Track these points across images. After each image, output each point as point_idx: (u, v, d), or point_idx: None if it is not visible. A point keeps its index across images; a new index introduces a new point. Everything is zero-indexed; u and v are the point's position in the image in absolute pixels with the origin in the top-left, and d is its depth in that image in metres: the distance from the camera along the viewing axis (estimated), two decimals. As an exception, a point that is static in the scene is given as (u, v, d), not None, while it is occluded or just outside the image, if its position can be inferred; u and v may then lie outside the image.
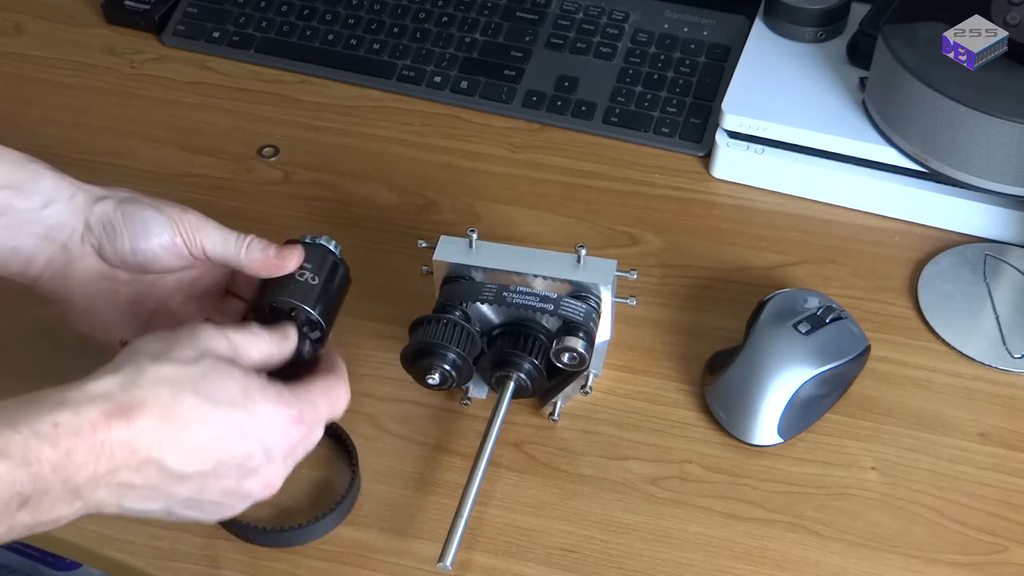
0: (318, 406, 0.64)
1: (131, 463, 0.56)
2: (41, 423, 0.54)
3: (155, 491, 0.58)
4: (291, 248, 0.72)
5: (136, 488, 0.57)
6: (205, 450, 0.59)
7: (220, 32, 1.05)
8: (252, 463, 0.61)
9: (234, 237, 0.71)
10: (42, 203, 0.70)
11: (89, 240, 0.71)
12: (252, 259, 0.71)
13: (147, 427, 0.57)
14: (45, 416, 0.55)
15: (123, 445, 0.56)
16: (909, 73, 0.82)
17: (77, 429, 0.55)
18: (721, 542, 0.72)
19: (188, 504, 0.60)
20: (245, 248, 0.71)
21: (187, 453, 0.58)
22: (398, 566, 0.72)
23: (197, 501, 0.60)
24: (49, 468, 0.54)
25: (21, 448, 0.53)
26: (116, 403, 0.56)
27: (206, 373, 0.59)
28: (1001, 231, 0.88)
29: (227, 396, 0.59)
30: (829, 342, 0.75)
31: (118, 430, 0.56)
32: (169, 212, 0.71)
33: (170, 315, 0.75)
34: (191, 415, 0.58)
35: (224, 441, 0.59)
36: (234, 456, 0.60)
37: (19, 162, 0.70)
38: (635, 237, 0.90)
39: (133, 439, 0.56)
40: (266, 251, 0.71)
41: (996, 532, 0.73)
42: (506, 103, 0.99)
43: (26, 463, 0.53)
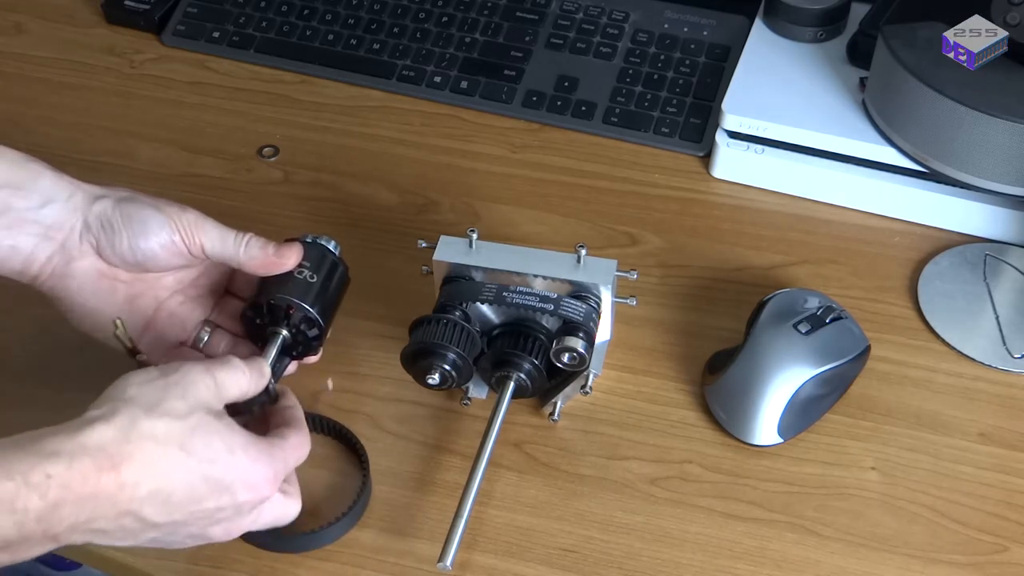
0: (290, 459, 0.66)
1: (110, 514, 0.58)
2: (34, 472, 0.55)
3: (127, 535, 0.60)
4: (290, 246, 0.72)
5: (109, 533, 0.59)
6: (182, 503, 0.61)
7: (220, 32, 1.05)
8: (221, 515, 0.63)
9: (233, 235, 0.72)
10: (41, 202, 0.70)
11: (88, 239, 0.71)
12: (251, 257, 0.71)
13: (131, 481, 0.58)
14: (38, 466, 0.56)
15: (107, 498, 0.58)
16: (909, 73, 0.82)
17: (68, 483, 0.56)
18: (721, 542, 0.72)
19: (152, 541, 0.62)
20: (244, 246, 0.71)
21: (164, 506, 0.60)
22: (398, 566, 0.72)
23: (161, 540, 0.63)
24: (34, 518, 0.55)
25: (11, 496, 0.54)
26: (108, 457, 0.58)
27: (195, 429, 0.61)
28: (1001, 231, 0.88)
29: (211, 454, 0.61)
30: (829, 342, 0.75)
31: (106, 484, 0.57)
32: (168, 211, 0.71)
33: (170, 315, 0.75)
34: (174, 471, 0.60)
35: (201, 496, 0.61)
36: (206, 509, 0.62)
37: (18, 161, 0.71)
38: (635, 237, 0.90)
39: (117, 492, 0.58)
40: (265, 249, 0.72)
41: (996, 532, 0.73)
42: (506, 103, 0.99)
43: (12, 511, 0.55)
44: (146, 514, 0.59)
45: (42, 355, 0.81)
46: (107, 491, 0.57)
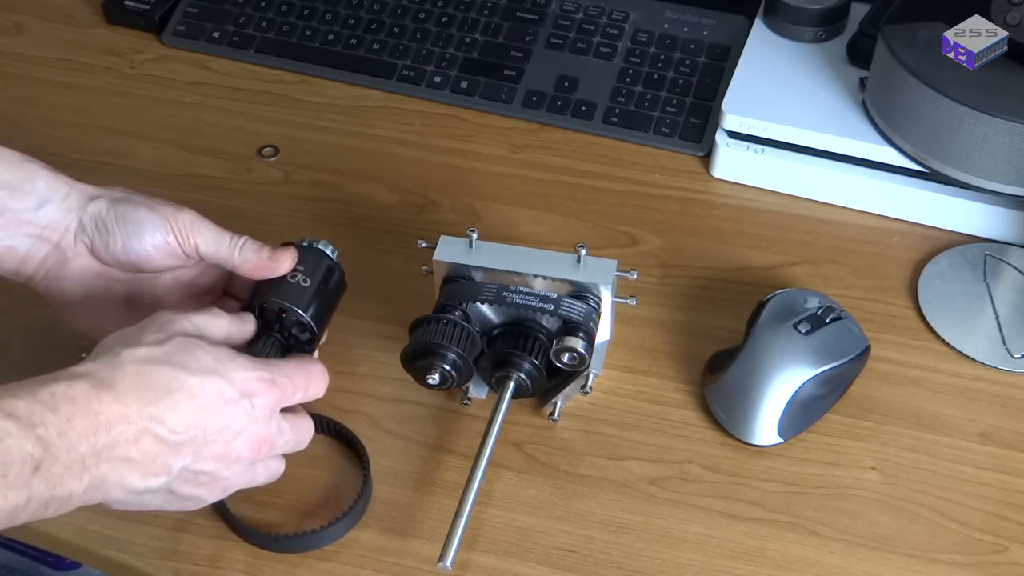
0: (291, 376, 0.66)
1: (128, 435, 0.59)
2: (40, 392, 0.57)
3: (154, 464, 0.60)
4: (284, 250, 0.72)
5: (136, 462, 0.60)
6: (191, 415, 0.61)
7: (220, 32, 1.05)
8: (236, 424, 0.63)
9: (228, 237, 0.72)
10: (37, 203, 0.70)
11: (82, 239, 0.71)
12: (245, 260, 0.71)
13: (133, 400, 0.59)
14: (41, 388, 0.58)
15: (118, 418, 0.59)
16: (909, 73, 0.82)
17: (72, 397, 0.58)
18: (721, 542, 0.72)
19: (186, 478, 0.63)
20: (238, 249, 0.72)
21: (176, 420, 0.61)
22: (398, 566, 0.72)
23: (193, 473, 0.63)
24: (55, 432, 0.56)
25: (26, 411, 0.56)
26: (99, 379, 0.59)
27: (177, 348, 0.63)
28: (1001, 231, 0.88)
29: (201, 365, 0.62)
30: (829, 342, 0.75)
31: (108, 403, 0.58)
32: (163, 211, 0.71)
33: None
34: (172, 386, 0.61)
35: (207, 405, 0.62)
36: (218, 418, 0.62)
37: (15, 162, 0.71)
38: (635, 237, 0.90)
39: (125, 413, 0.59)
40: (259, 252, 0.72)
41: (996, 532, 0.73)
42: (506, 103, 0.99)
43: (32, 425, 0.56)
44: (161, 431, 0.60)
45: (42, 355, 0.81)
46: (113, 410, 0.58)
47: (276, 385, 0.65)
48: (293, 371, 0.67)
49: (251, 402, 0.64)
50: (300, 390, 0.67)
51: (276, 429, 0.66)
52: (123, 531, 0.73)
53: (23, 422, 0.55)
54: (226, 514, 0.72)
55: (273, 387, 0.65)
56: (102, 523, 0.73)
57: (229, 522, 0.73)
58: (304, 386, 0.67)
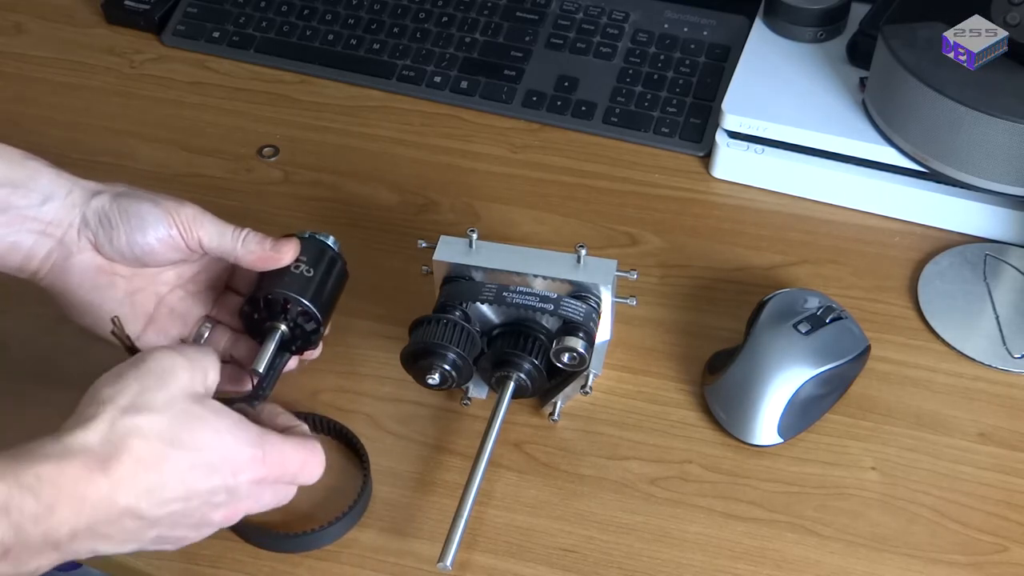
0: (287, 455, 0.65)
1: (111, 516, 0.58)
2: (24, 475, 0.55)
3: (130, 537, 0.61)
4: (287, 241, 0.73)
5: (112, 537, 0.59)
6: (177, 492, 0.61)
7: (220, 32, 1.05)
8: (217, 499, 0.63)
9: (231, 230, 0.72)
10: (40, 200, 0.70)
11: (86, 235, 0.71)
12: (248, 251, 0.72)
13: (124, 479, 0.58)
14: (28, 469, 0.56)
15: (102, 499, 0.58)
16: (909, 73, 0.82)
17: (59, 483, 0.56)
18: (721, 542, 0.72)
19: (156, 541, 0.63)
20: (241, 241, 0.72)
21: (161, 499, 0.60)
22: (398, 566, 0.72)
23: (165, 537, 0.63)
24: (31, 520, 0.55)
25: (4, 498, 0.54)
26: (95, 457, 0.58)
27: (176, 419, 0.61)
28: (1001, 231, 0.88)
29: (197, 441, 0.61)
30: (829, 342, 0.75)
31: (97, 484, 0.57)
32: (165, 205, 0.71)
33: (171, 310, 0.75)
34: (164, 462, 0.60)
35: (194, 482, 0.61)
36: (201, 494, 0.62)
37: (17, 160, 0.71)
38: (635, 237, 0.90)
39: (112, 493, 0.58)
40: (262, 244, 0.72)
41: (996, 532, 0.73)
42: (506, 103, 0.99)
43: (7, 512, 0.54)
44: (144, 510, 0.59)
45: (42, 355, 0.81)
46: (100, 492, 0.57)
47: (265, 464, 0.64)
48: (291, 452, 0.66)
49: (237, 479, 0.63)
50: (290, 475, 0.66)
51: (253, 502, 0.65)
52: (123, 531, 0.73)
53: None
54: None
55: (262, 465, 0.64)
56: (102, 523, 0.73)
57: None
58: (295, 471, 0.66)
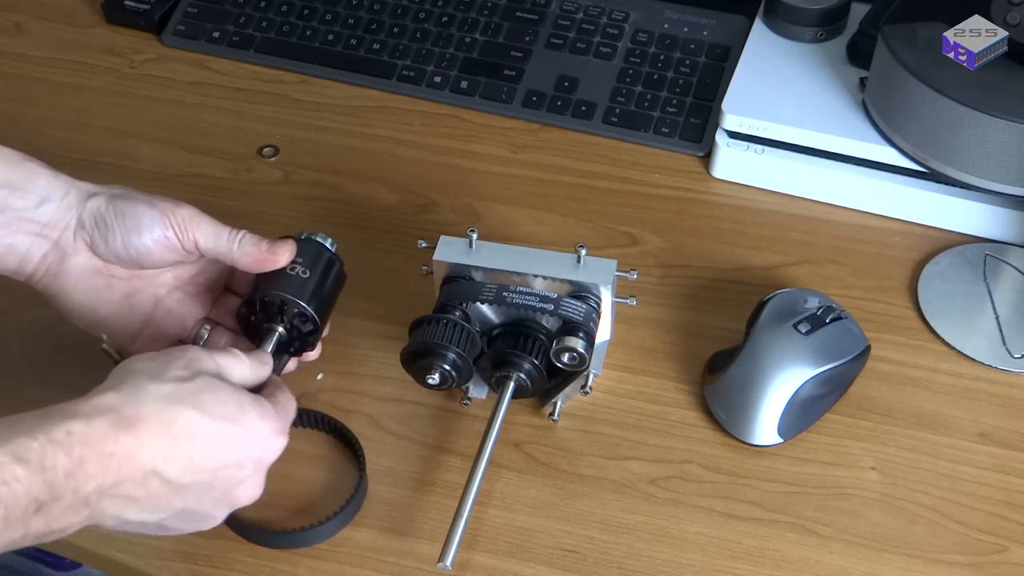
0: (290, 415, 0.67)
1: (136, 476, 0.58)
2: (55, 431, 0.56)
3: (156, 503, 0.60)
4: (283, 243, 0.73)
5: (139, 500, 0.59)
6: (204, 462, 0.61)
7: (220, 32, 1.05)
8: (242, 473, 0.64)
9: (227, 232, 0.72)
10: (37, 202, 0.70)
11: (82, 236, 0.71)
12: (244, 253, 0.72)
13: (150, 441, 0.59)
14: (58, 425, 0.56)
15: (129, 458, 0.58)
16: (909, 73, 0.82)
17: (88, 439, 0.57)
18: (721, 542, 0.72)
19: (181, 516, 0.63)
20: (237, 242, 0.72)
21: (187, 465, 0.60)
22: (398, 566, 0.72)
23: (190, 512, 0.63)
24: (63, 475, 0.55)
25: (38, 454, 0.55)
26: (121, 416, 0.58)
27: (202, 389, 0.62)
28: (1001, 231, 0.88)
29: (223, 411, 0.62)
30: (829, 342, 0.75)
31: (125, 442, 0.58)
32: (161, 207, 0.71)
33: (169, 312, 0.75)
34: (190, 429, 0.60)
35: (221, 453, 0.62)
36: (228, 467, 0.62)
37: (15, 161, 0.71)
38: (635, 237, 0.90)
39: (138, 452, 0.58)
40: (258, 245, 0.72)
41: (996, 532, 0.73)
42: (506, 103, 0.99)
43: (42, 469, 0.55)
44: (171, 474, 0.60)
45: (42, 355, 0.81)
46: (127, 450, 0.58)
47: (283, 434, 0.65)
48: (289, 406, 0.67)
49: (263, 452, 0.64)
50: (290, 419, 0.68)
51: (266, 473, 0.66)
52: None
53: (33, 466, 0.54)
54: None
55: (280, 437, 0.65)
56: (102, 523, 0.73)
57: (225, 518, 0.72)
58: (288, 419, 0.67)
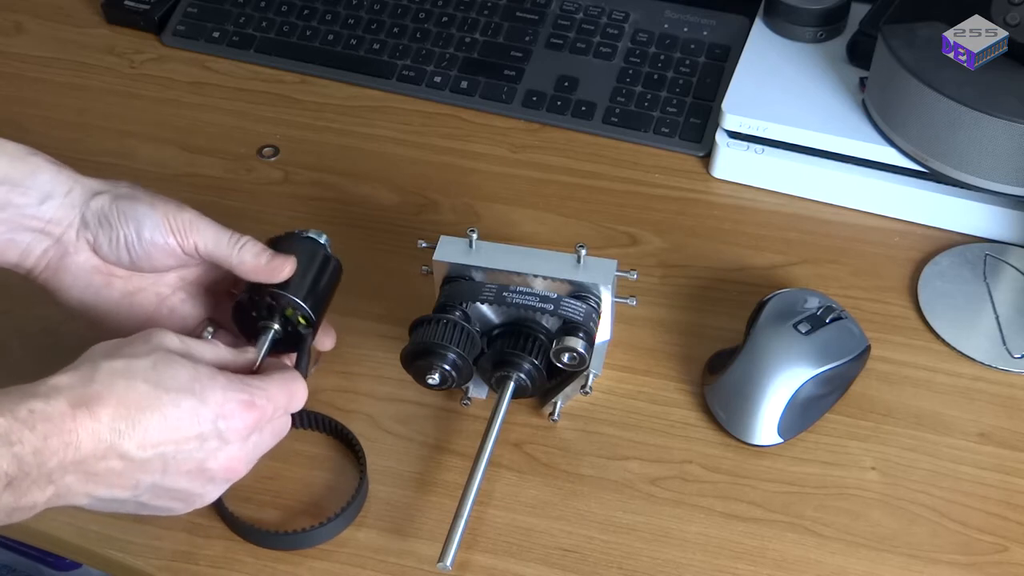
0: (273, 394, 0.66)
1: (97, 452, 0.59)
2: (19, 409, 0.57)
3: (120, 478, 0.60)
4: (284, 258, 0.72)
5: (102, 476, 0.60)
6: (161, 435, 0.61)
7: (220, 32, 1.05)
8: (209, 445, 0.63)
9: (227, 237, 0.72)
10: (40, 198, 0.70)
11: (84, 235, 0.71)
12: (243, 262, 0.71)
13: (106, 416, 0.59)
14: (20, 404, 0.57)
15: (89, 435, 0.58)
16: (909, 73, 0.82)
17: (49, 416, 0.57)
18: (721, 542, 0.72)
19: (154, 492, 0.62)
20: (237, 249, 0.72)
21: (144, 439, 0.60)
22: (398, 566, 0.72)
23: (163, 488, 0.62)
24: (30, 450, 0.56)
25: (5, 429, 0.56)
26: (77, 394, 0.59)
27: (156, 364, 0.62)
28: (1001, 231, 0.88)
29: (177, 383, 0.62)
30: (829, 342, 0.75)
31: (82, 419, 0.58)
32: (164, 210, 0.71)
33: (171, 312, 0.75)
34: (144, 403, 0.60)
35: (178, 425, 0.61)
36: (189, 439, 0.62)
37: (18, 155, 0.71)
38: (635, 237, 0.90)
39: (96, 428, 0.59)
40: (258, 257, 0.72)
41: (996, 532, 0.73)
42: (506, 103, 0.99)
43: (9, 443, 0.56)
44: (128, 450, 0.60)
45: (42, 355, 0.81)
46: (86, 427, 0.58)
47: (255, 407, 0.64)
48: (276, 390, 0.66)
49: (227, 423, 0.63)
50: (281, 409, 0.66)
51: (252, 448, 0.65)
52: (123, 531, 0.73)
53: (1, 440, 0.55)
54: (223, 511, 0.72)
55: (252, 408, 0.64)
56: (102, 523, 0.73)
57: (225, 518, 0.73)
58: (285, 404, 0.67)
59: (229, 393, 0.63)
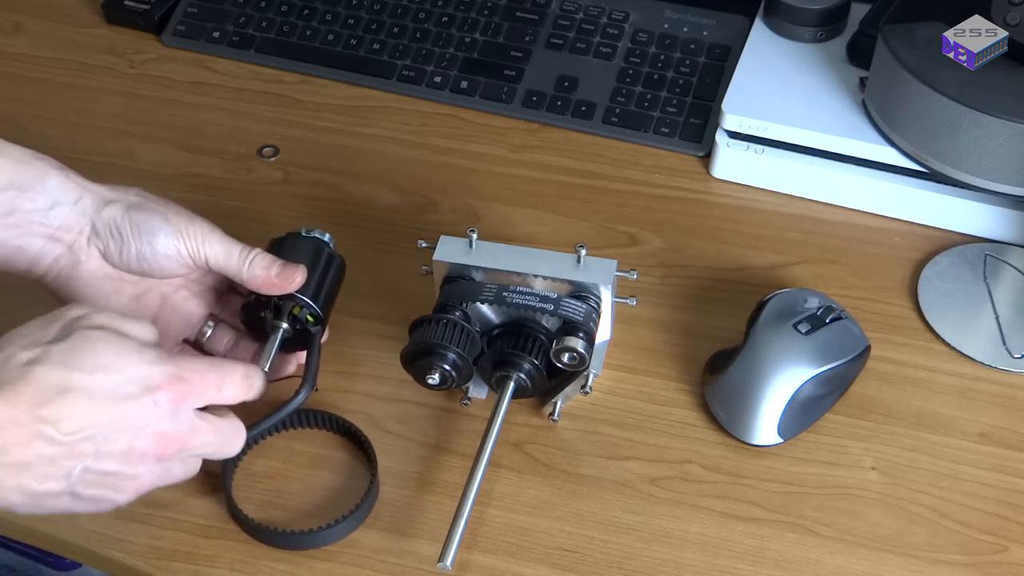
0: (203, 372, 0.63)
1: (20, 439, 0.57)
2: None
3: (52, 467, 0.58)
4: (294, 268, 0.72)
5: (30, 467, 0.58)
6: (87, 416, 0.59)
7: (220, 32, 1.05)
8: (137, 421, 0.60)
9: (237, 251, 0.72)
10: (48, 204, 0.70)
11: (96, 244, 0.71)
12: (254, 276, 0.71)
13: (23, 404, 0.57)
14: None
15: (9, 422, 0.56)
16: (909, 73, 0.82)
17: None
18: (721, 542, 0.72)
19: (89, 481, 0.60)
20: (248, 264, 0.72)
21: (70, 422, 0.58)
22: (398, 566, 0.72)
23: (97, 474, 0.60)
24: None
25: None
26: None
27: (73, 346, 0.59)
28: (1001, 231, 0.88)
29: (99, 361, 0.59)
30: (829, 342, 0.75)
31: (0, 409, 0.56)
32: (176, 221, 0.71)
33: (174, 310, 0.75)
34: (64, 386, 0.58)
35: (104, 403, 0.59)
36: (117, 416, 0.59)
37: (25, 160, 0.70)
38: (635, 237, 0.90)
39: (16, 416, 0.57)
40: (268, 270, 0.72)
41: (996, 532, 0.73)
42: (506, 103, 0.99)
43: None
44: (53, 434, 0.57)
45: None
46: (4, 416, 0.56)
47: (182, 380, 0.62)
48: (206, 368, 0.64)
49: (153, 397, 0.60)
50: (212, 388, 0.64)
51: (188, 427, 0.63)
52: (123, 531, 0.73)
53: None
54: (235, 511, 0.72)
55: (179, 382, 0.61)
56: (102, 523, 0.73)
57: (237, 518, 0.72)
58: (217, 384, 0.64)
59: (155, 366, 0.61)
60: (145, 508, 0.73)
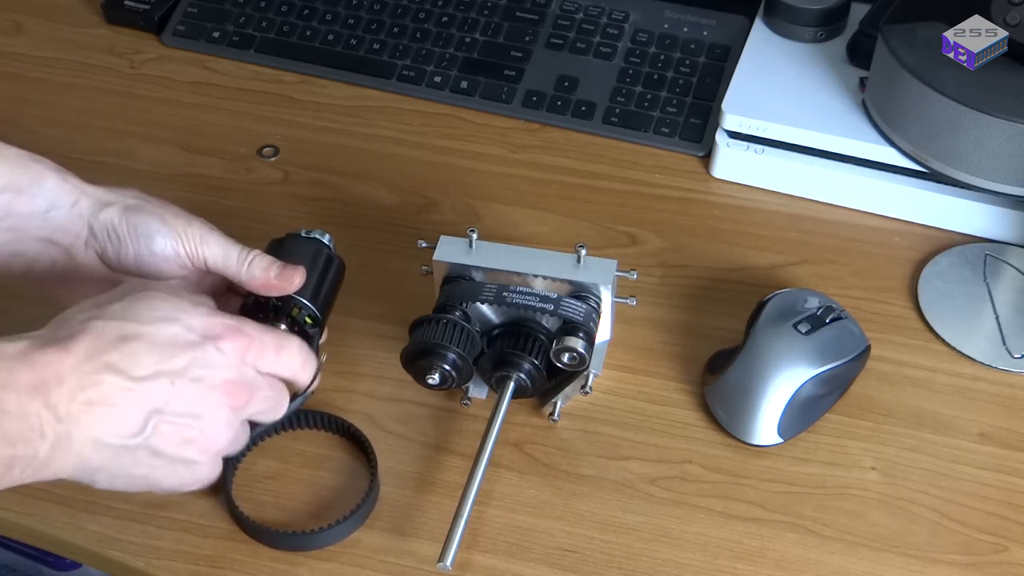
0: (263, 333, 0.65)
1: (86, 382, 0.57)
2: None
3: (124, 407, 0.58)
4: (292, 269, 0.72)
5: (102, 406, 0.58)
6: (154, 356, 0.59)
7: (220, 32, 1.05)
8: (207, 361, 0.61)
9: (236, 252, 0.71)
10: (44, 207, 0.70)
11: (93, 246, 0.71)
12: (253, 277, 0.71)
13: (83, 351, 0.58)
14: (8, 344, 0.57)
15: (69, 368, 0.57)
16: (909, 73, 0.82)
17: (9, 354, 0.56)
18: (721, 542, 0.72)
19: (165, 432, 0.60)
20: (247, 265, 0.71)
21: (137, 364, 0.59)
22: (398, 566, 0.72)
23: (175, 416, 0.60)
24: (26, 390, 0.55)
25: None
26: (44, 339, 0.58)
27: (132, 302, 0.61)
28: (1001, 231, 0.88)
29: (158, 314, 0.61)
30: (829, 342, 0.75)
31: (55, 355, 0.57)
32: (174, 223, 0.71)
33: None
34: (125, 333, 0.59)
35: (168, 347, 0.60)
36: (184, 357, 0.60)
37: (21, 162, 0.70)
38: (635, 237, 0.90)
39: (77, 363, 0.57)
40: (267, 271, 0.71)
41: (996, 532, 0.73)
42: (506, 103, 0.99)
43: None
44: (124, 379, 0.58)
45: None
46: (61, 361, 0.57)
47: (243, 333, 0.63)
48: (265, 329, 0.65)
49: (216, 345, 0.61)
50: (271, 349, 0.65)
51: (252, 378, 0.64)
52: (123, 531, 0.73)
53: None
54: (235, 511, 0.72)
55: (240, 334, 0.63)
56: (102, 523, 0.73)
57: (237, 518, 0.73)
58: (275, 347, 0.65)
59: (215, 318, 0.62)
60: (145, 508, 0.73)
